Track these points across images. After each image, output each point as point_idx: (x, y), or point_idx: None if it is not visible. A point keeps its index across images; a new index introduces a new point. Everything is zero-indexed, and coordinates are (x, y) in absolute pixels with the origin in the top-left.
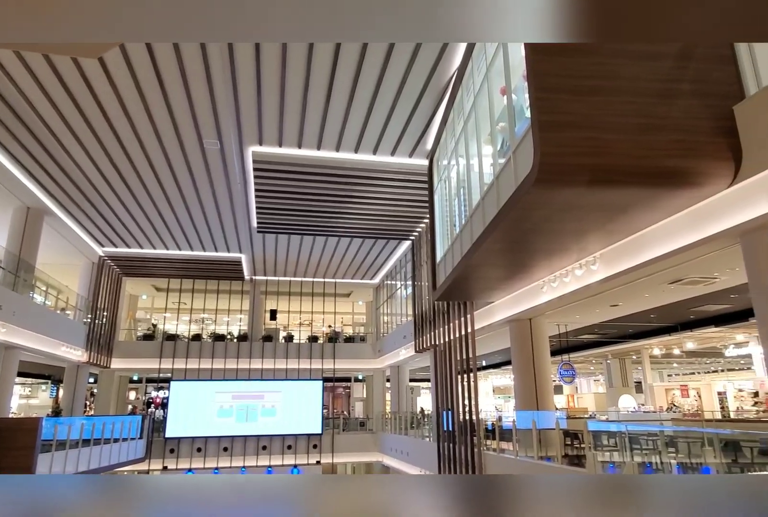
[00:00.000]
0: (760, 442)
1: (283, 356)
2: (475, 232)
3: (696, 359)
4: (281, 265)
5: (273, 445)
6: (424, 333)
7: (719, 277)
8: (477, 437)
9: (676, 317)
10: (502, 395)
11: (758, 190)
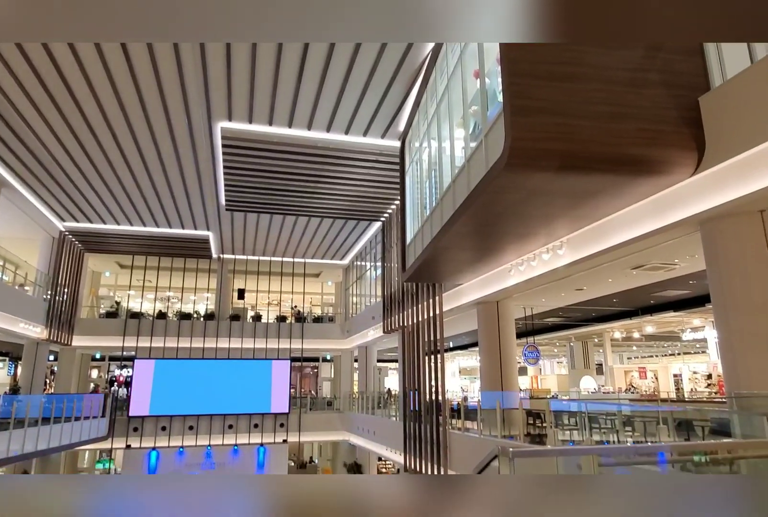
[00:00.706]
0: (711, 421)
1: (251, 336)
2: (445, 215)
3: (654, 342)
4: (250, 244)
5: (239, 424)
6: (392, 314)
7: (679, 263)
8: (443, 417)
9: (637, 301)
10: (468, 376)
11: (719, 181)
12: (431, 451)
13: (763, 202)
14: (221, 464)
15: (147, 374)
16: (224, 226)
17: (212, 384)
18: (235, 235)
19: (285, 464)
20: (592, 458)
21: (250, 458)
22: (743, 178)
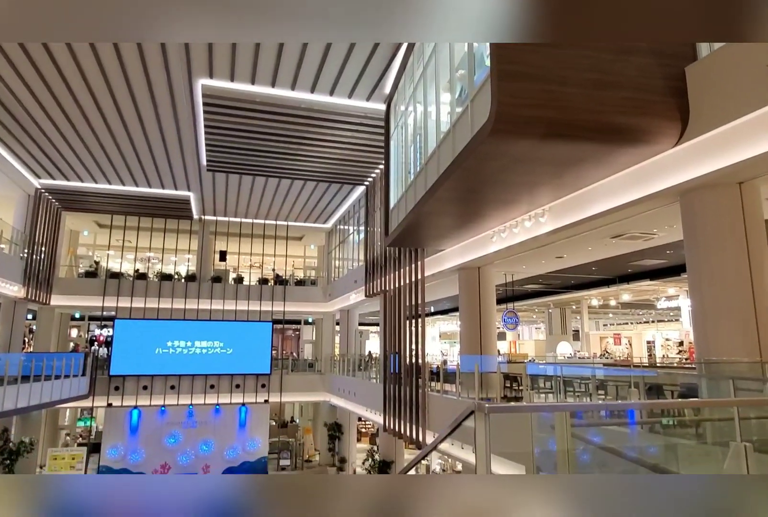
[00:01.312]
0: (680, 386)
1: (232, 298)
2: (429, 180)
3: (630, 310)
4: (232, 205)
5: (221, 383)
6: (374, 278)
7: (658, 233)
8: (422, 379)
9: (615, 270)
10: (448, 340)
11: (700, 152)
12: (410, 412)
13: (741, 175)
14: (203, 423)
15: (127, 333)
16: (205, 187)
17: (194, 345)
18: (216, 196)
19: (266, 424)
20: (565, 420)
21: (231, 417)
22: (724, 150)
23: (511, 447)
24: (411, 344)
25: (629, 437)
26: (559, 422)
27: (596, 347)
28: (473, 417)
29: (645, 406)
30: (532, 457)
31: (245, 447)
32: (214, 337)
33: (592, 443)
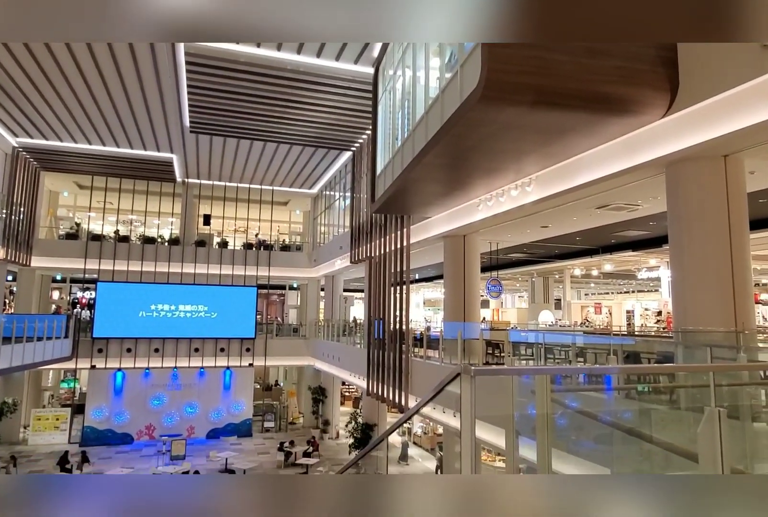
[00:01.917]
0: (657, 354)
1: (216, 262)
2: (417, 147)
3: (611, 280)
4: (216, 168)
5: (206, 347)
6: (360, 245)
7: (642, 204)
8: (406, 345)
9: (598, 240)
10: (432, 307)
11: (687, 123)
12: (393, 377)
13: (727, 148)
14: (187, 386)
15: (110, 296)
16: (189, 149)
17: (178, 308)
18: (200, 159)
19: (251, 387)
20: (546, 384)
21: (216, 380)
22: (711, 122)
23: (492, 412)
24: (395, 311)
25: (606, 402)
26: (540, 386)
27: (577, 316)
28: (458, 381)
29: (624, 370)
30: (512, 421)
31: (230, 409)
32: (199, 301)
33: (571, 407)
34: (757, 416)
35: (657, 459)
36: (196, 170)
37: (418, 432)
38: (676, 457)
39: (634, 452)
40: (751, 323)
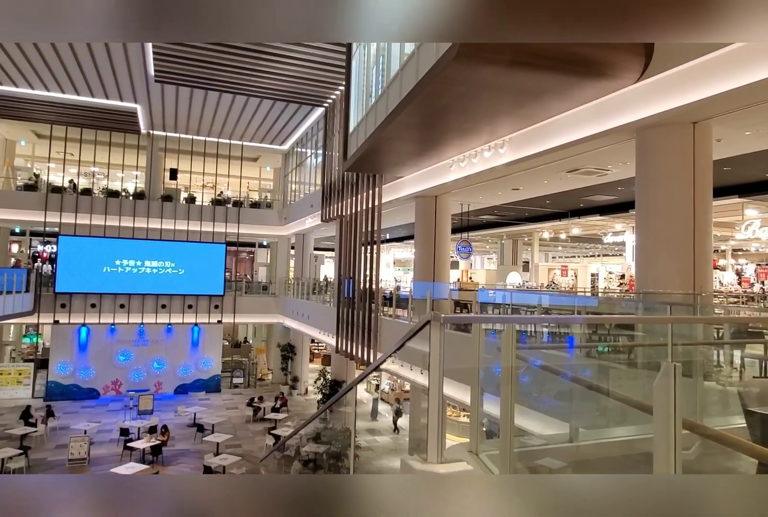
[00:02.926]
0: (619, 314)
1: (184, 218)
2: (391, 104)
3: (578, 244)
4: (183, 121)
5: (173, 304)
6: (331, 203)
7: (611, 169)
8: (375, 304)
9: (567, 204)
10: (402, 268)
11: (660, 89)
12: (362, 335)
13: (697, 114)
14: (155, 342)
15: (73, 251)
16: (154, 100)
17: (144, 264)
18: (166, 110)
19: (219, 344)
20: (511, 339)
21: (184, 336)
22: (683, 88)
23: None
24: (365, 270)
25: (567, 360)
26: (506, 342)
27: (544, 278)
28: (428, 332)
29: (588, 320)
30: (477, 378)
31: (198, 366)
32: (165, 257)
33: (534, 365)
34: (708, 374)
35: (613, 415)
36: (162, 122)
37: (385, 389)
38: (631, 412)
39: (592, 408)
40: (709, 287)
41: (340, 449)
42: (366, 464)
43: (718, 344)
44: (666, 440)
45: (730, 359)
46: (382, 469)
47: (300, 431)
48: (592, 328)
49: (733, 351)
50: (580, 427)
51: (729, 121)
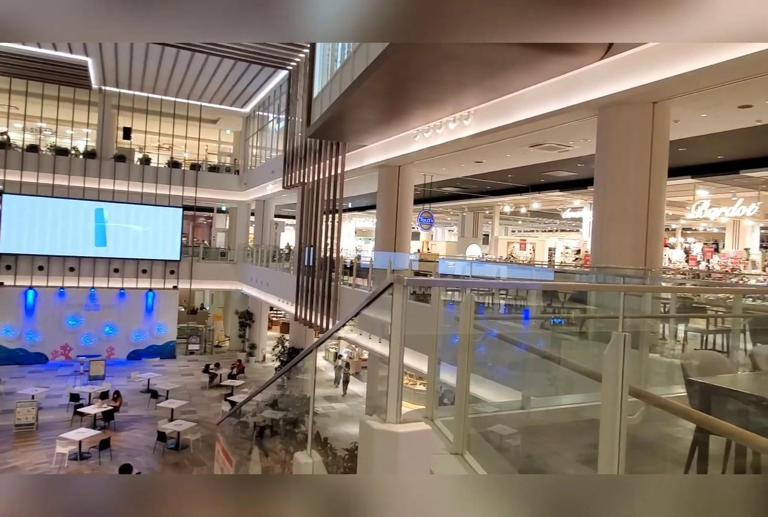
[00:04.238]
0: (572, 291)
1: (138, 180)
2: (357, 70)
3: (538, 218)
4: (137, 77)
5: (126, 268)
6: (293, 170)
7: (573, 146)
8: (335, 273)
9: (529, 179)
10: (363, 237)
11: (623, 67)
12: (322, 303)
13: (657, 94)
14: (107, 307)
15: (18, 210)
16: (106, 53)
17: (95, 227)
18: (119, 65)
19: (175, 310)
20: (470, 307)
21: (137, 302)
22: (644, 68)
23: (418, 339)
24: (327, 238)
25: (522, 331)
26: (464, 310)
27: (503, 251)
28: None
29: (545, 285)
30: (435, 347)
31: (152, 331)
32: (118, 219)
33: (491, 334)
34: (654, 347)
35: (563, 384)
36: (115, 78)
37: (344, 356)
38: (579, 382)
39: (544, 378)
40: (659, 263)
41: (297, 416)
42: (322, 430)
43: (665, 318)
44: (613, 406)
45: (675, 333)
46: (338, 435)
47: (257, 397)
48: (547, 301)
49: (677, 325)
50: (531, 395)
51: (687, 102)
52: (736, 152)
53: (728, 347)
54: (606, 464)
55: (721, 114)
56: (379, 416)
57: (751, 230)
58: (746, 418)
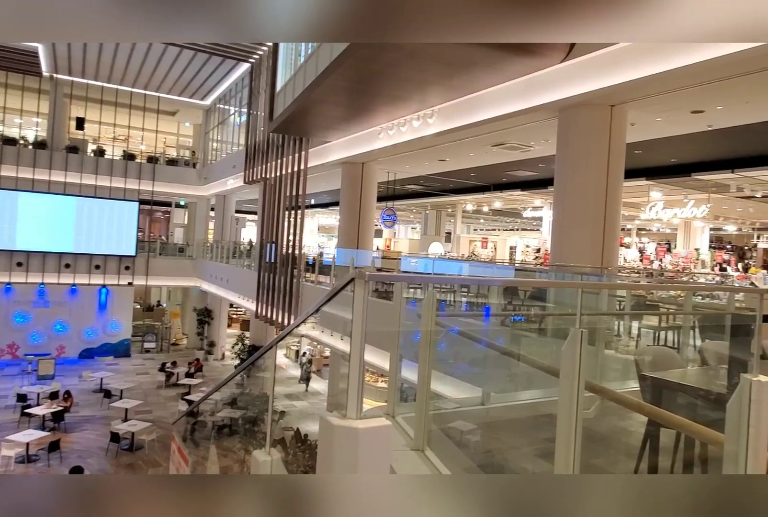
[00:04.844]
0: (532, 287)
1: (92, 172)
2: (321, 65)
3: (499, 217)
4: (92, 66)
5: (78, 263)
6: (255, 165)
7: (534, 146)
8: (298, 270)
9: (491, 178)
10: (326, 234)
11: (582, 71)
12: (284, 300)
13: (615, 98)
14: (57, 303)
15: None
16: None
17: (46, 220)
18: (73, 52)
19: (130, 307)
20: (432, 304)
21: (90, 298)
22: (603, 71)
23: (379, 337)
24: (289, 235)
25: (483, 328)
26: (426, 307)
27: (465, 250)
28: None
29: (507, 282)
30: (397, 345)
31: (106, 329)
32: (70, 213)
33: (452, 331)
34: (609, 343)
35: (522, 380)
36: (68, 65)
37: (306, 353)
38: (538, 378)
39: (504, 374)
40: (615, 262)
41: (257, 414)
42: (283, 428)
43: (620, 315)
44: (570, 401)
45: (629, 330)
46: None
47: (216, 396)
48: (507, 298)
49: (631, 322)
50: (492, 391)
51: (643, 106)
52: (688, 156)
53: (679, 343)
54: (562, 458)
55: (674, 118)
56: (339, 412)
57: (701, 231)
58: (695, 411)
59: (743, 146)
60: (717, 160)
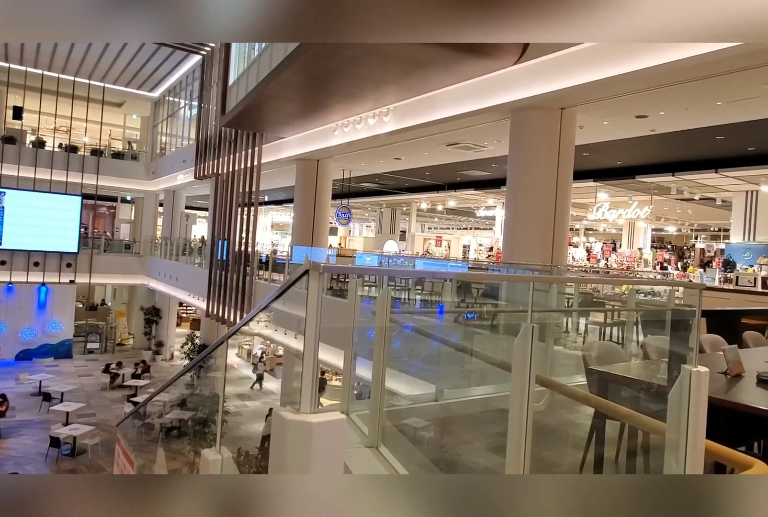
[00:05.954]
0: (485, 285)
1: (30, 164)
2: (275, 60)
3: (453, 216)
4: (31, 52)
5: (15, 260)
6: (206, 160)
7: (487, 146)
8: (251, 268)
9: (445, 177)
10: (280, 231)
11: (533, 74)
12: (236, 299)
13: (564, 101)
14: None
15: None
16: None
17: None
18: None
19: (72, 306)
20: (386, 302)
21: (28, 297)
22: (554, 75)
23: (334, 335)
24: (241, 232)
25: (437, 325)
26: (381, 304)
27: (420, 248)
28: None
29: (459, 275)
30: (351, 342)
31: (45, 329)
32: (6, 207)
33: (406, 328)
34: (558, 340)
35: (474, 376)
36: (4, 51)
37: (258, 353)
38: (490, 374)
39: (457, 371)
40: (564, 261)
41: (207, 415)
42: (234, 429)
43: (568, 312)
44: (521, 395)
45: (576, 326)
46: (251, 433)
47: (164, 397)
48: (461, 296)
49: (579, 319)
50: (445, 387)
51: (591, 110)
52: (633, 159)
53: (623, 339)
54: (514, 451)
55: (620, 123)
56: (293, 406)
57: (644, 231)
58: (638, 403)
59: (683, 151)
60: (659, 163)
